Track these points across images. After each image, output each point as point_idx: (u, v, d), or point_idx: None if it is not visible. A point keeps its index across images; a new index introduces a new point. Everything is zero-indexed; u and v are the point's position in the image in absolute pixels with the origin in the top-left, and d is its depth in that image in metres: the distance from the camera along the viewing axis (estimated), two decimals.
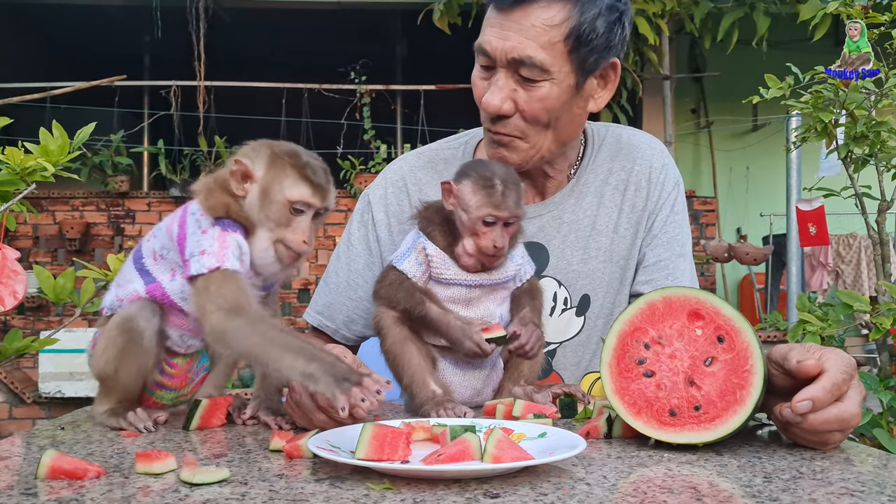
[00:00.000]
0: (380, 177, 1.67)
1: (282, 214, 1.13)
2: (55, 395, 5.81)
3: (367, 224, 1.63)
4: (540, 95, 1.39)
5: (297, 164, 1.13)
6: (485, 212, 1.26)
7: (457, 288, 1.30)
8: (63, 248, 7.53)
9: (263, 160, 1.14)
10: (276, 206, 1.12)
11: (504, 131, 1.44)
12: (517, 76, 1.39)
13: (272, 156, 1.14)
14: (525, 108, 1.40)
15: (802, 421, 0.94)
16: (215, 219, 1.13)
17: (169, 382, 1.23)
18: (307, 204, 1.13)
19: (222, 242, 1.11)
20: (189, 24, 7.98)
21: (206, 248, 1.10)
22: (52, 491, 0.79)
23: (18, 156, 1.46)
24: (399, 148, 8.36)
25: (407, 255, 1.32)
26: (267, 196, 1.13)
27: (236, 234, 1.13)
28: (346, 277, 1.62)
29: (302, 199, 1.13)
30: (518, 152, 1.46)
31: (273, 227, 1.13)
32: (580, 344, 1.56)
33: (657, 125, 7.82)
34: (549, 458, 0.83)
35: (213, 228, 1.12)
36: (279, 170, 1.13)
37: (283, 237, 1.13)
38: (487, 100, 1.40)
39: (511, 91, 1.40)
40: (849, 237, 7.65)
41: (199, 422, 1.14)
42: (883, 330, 2.22)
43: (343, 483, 0.81)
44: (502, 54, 1.37)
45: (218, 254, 1.10)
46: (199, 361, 1.26)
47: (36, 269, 1.71)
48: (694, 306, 1.02)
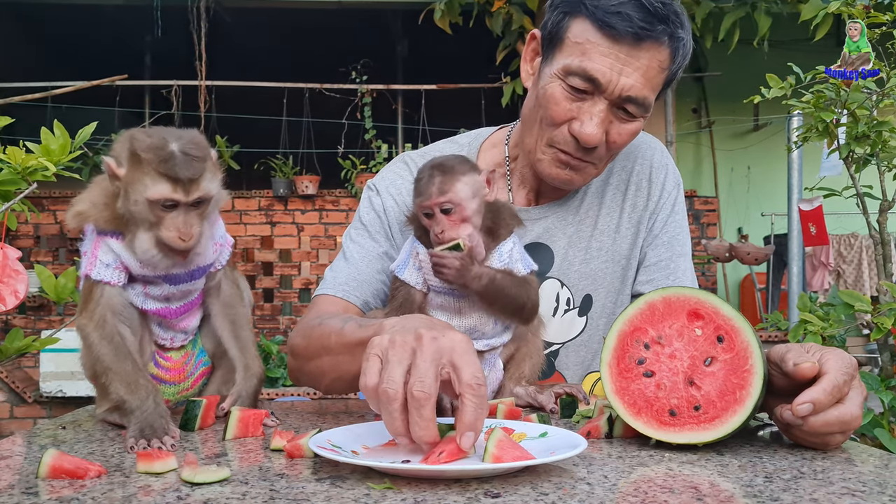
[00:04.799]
0: (384, 169, 1.65)
1: (150, 213, 1.07)
2: (56, 395, 5.81)
3: (378, 210, 1.56)
4: (633, 130, 1.40)
5: (155, 158, 1.05)
6: (415, 204, 1.28)
7: (446, 296, 1.29)
8: (64, 247, 7.54)
9: (125, 158, 1.08)
10: (140, 207, 1.07)
11: (588, 159, 1.42)
12: (618, 109, 1.37)
13: (131, 153, 1.07)
14: (616, 140, 1.40)
15: (803, 423, 0.94)
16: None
17: (166, 376, 1.23)
18: (171, 200, 1.06)
19: (94, 248, 1.12)
20: (190, 23, 7.98)
21: (86, 251, 1.13)
22: (53, 490, 0.79)
23: (20, 155, 1.46)
24: (400, 147, 8.36)
25: (406, 263, 1.31)
26: (130, 197, 1.07)
27: (110, 238, 1.12)
28: (369, 252, 1.53)
29: (163, 197, 1.06)
30: (585, 176, 1.47)
31: (148, 227, 1.08)
32: (582, 344, 1.56)
33: (658, 125, 7.82)
34: (550, 457, 0.83)
35: (91, 232, 1.13)
36: (137, 168, 1.06)
37: (160, 235, 1.08)
38: (588, 131, 1.36)
39: (608, 123, 1.38)
40: (850, 237, 7.65)
41: (199, 422, 1.13)
42: (884, 330, 2.22)
43: (344, 483, 0.81)
44: (617, 89, 1.34)
45: (90, 260, 1.12)
46: (196, 356, 1.26)
47: (37, 268, 1.71)
48: (693, 306, 1.02)
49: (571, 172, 1.44)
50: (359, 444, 0.95)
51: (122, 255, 1.12)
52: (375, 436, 0.98)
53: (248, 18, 8.66)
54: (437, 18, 7.14)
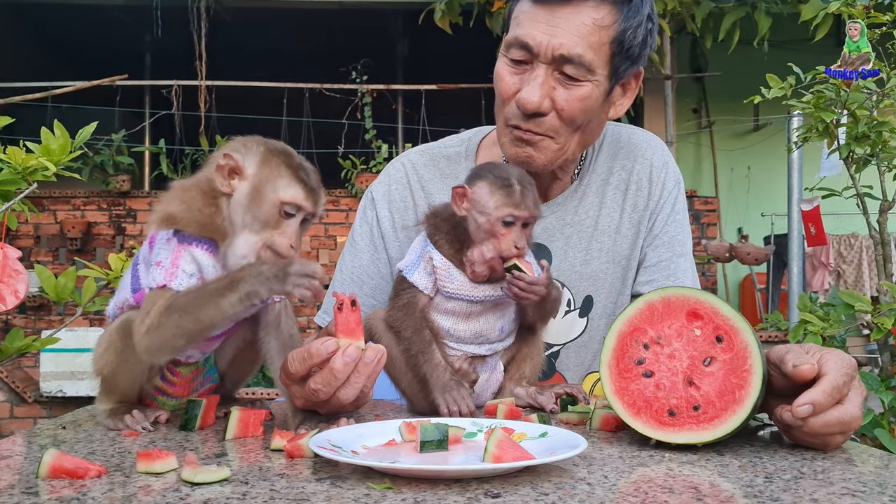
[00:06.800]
0: (382, 174, 1.66)
1: (271, 215, 1.06)
2: (56, 395, 5.81)
3: (371, 221, 1.61)
4: (581, 95, 1.37)
5: (291, 164, 1.07)
6: (505, 212, 1.23)
7: (458, 302, 1.28)
8: (64, 247, 7.55)
9: (256, 157, 1.08)
10: (266, 207, 1.06)
11: (537, 130, 1.40)
12: (559, 74, 1.36)
13: (266, 153, 1.08)
14: (564, 106, 1.37)
15: (803, 424, 0.94)
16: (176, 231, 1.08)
17: (170, 390, 1.21)
18: (298, 207, 1.07)
19: (177, 256, 1.07)
20: (190, 23, 7.99)
21: (161, 260, 1.07)
22: (53, 490, 0.79)
23: (20, 155, 1.46)
24: (400, 147, 8.37)
25: (416, 265, 1.29)
26: (258, 195, 1.06)
27: (195, 247, 1.08)
28: (351, 274, 1.61)
29: (294, 201, 1.07)
30: (546, 153, 1.43)
31: (259, 229, 1.07)
32: (583, 345, 1.56)
33: (658, 125, 7.82)
34: (551, 457, 0.83)
35: (173, 239, 1.08)
36: (273, 168, 1.07)
37: (270, 240, 1.06)
38: (526, 96, 1.36)
39: (550, 89, 1.37)
40: (850, 237, 7.65)
41: (199, 422, 1.13)
42: (884, 330, 2.22)
43: (344, 483, 0.81)
44: (548, 50, 1.34)
45: (168, 270, 1.06)
46: (205, 373, 1.24)
47: (37, 268, 1.71)
48: (693, 306, 1.02)
49: (529, 149, 1.42)
50: (359, 444, 0.95)
51: (205, 266, 1.08)
52: (375, 436, 0.98)
53: (248, 18, 8.67)
54: (437, 18, 7.14)
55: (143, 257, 1.13)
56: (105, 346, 1.15)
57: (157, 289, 1.07)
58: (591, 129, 1.46)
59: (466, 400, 1.21)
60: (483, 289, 1.27)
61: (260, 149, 1.09)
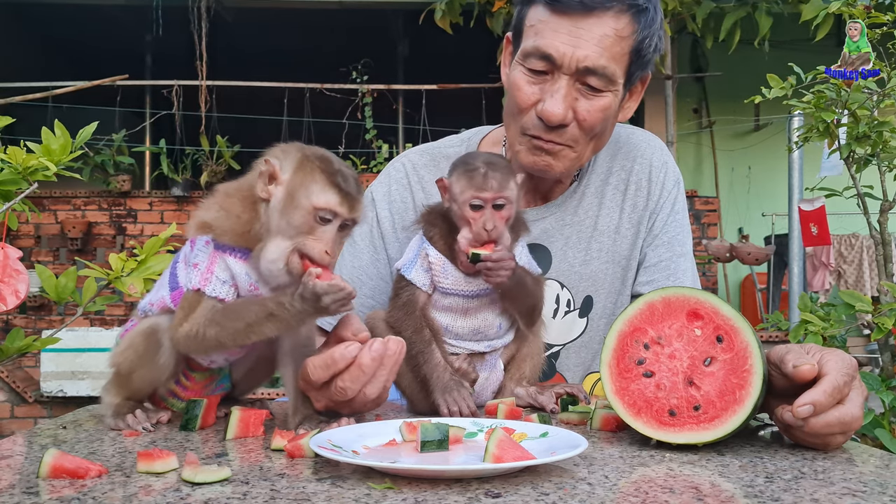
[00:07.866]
0: (382, 174, 1.67)
1: (305, 221, 1.05)
2: (57, 395, 5.81)
3: (371, 221, 1.61)
4: (602, 105, 1.37)
5: (327, 169, 1.06)
6: (469, 195, 1.24)
7: (454, 297, 1.29)
8: (65, 247, 7.55)
9: (292, 162, 1.07)
10: (299, 212, 1.05)
11: (558, 140, 1.40)
12: (581, 84, 1.36)
13: (302, 158, 1.07)
14: (586, 117, 1.38)
15: (804, 424, 0.94)
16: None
17: (182, 394, 1.21)
18: (333, 212, 1.05)
19: (212, 262, 1.08)
20: (191, 23, 7.99)
21: (198, 262, 1.09)
22: (53, 490, 0.79)
23: (20, 155, 1.46)
24: (400, 147, 8.37)
25: (413, 263, 1.29)
26: (292, 200, 1.05)
27: (229, 255, 1.08)
28: (350, 274, 1.60)
29: (328, 207, 1.04)
30: (564, 161, 1.43)
31: (294, 235, 1.05)
32: (583, 345, 1.56)
33: (659, 125, 7.82)
34: (551, 457, 0.83)
35: (211, 243, 1.09)
36: (307, 174, 1.06)
37: (305, 245, 1.05)
38: (551, 108, 1.35)
39: (573, 100, 1.37)
40: (851, 237, 7.65)
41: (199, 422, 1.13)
42: (885, 330, 2.22)
43: (344, 482, 0.81)
44: (572, 62, 1.33)
45: (204, 274, 1.07)
46: (218, 381, 1.24)
47: (38, 268, 1.71)
48: (693, 306, 1.02)
49: (549, 158, 1.43)
50: (359, 444, 0.95)
51: (238, 274, 1.09)
52: (376, 436, 0.98)
53: (248, 18, 8.67)
54: (437, 18, 7.14)
55: (184, 256, 1.14)
56: (126, 346, 1.15)
57: (193, 291, 1.09)
58: (605, 136, 1.48)
59: (467, 400, 1.21)
60: (477, 283, 1.27)
61: (297, 154, 1.08)
